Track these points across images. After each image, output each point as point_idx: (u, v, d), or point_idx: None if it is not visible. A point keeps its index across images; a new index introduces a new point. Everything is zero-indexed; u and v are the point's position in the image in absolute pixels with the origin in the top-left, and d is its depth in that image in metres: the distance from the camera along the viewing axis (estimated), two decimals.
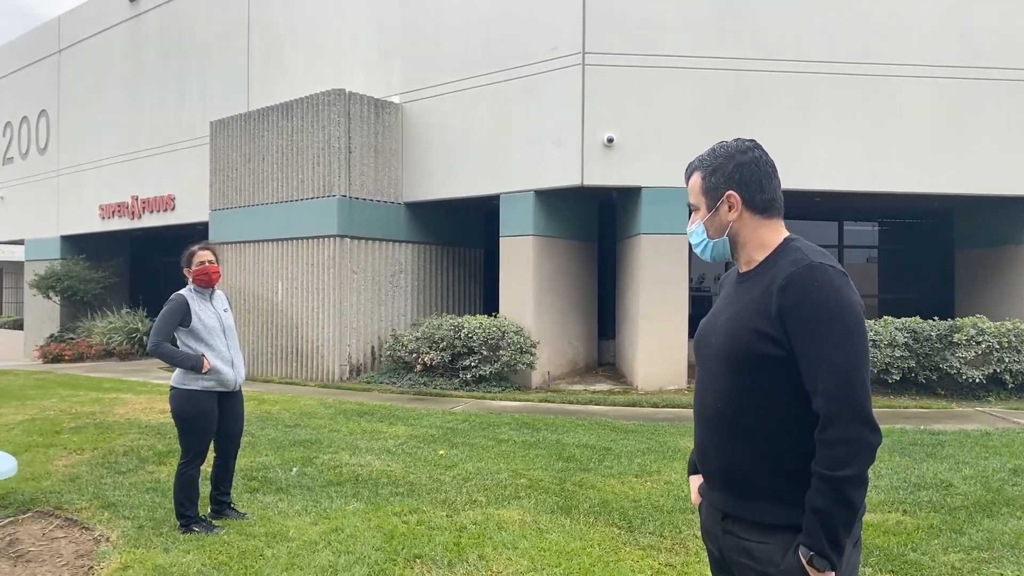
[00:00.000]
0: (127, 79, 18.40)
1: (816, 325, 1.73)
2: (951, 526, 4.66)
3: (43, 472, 6.11)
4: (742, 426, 1.84)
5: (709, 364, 1.95)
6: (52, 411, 9.12)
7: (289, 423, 8.22)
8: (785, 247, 1.89)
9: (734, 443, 1.86)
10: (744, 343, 1.82)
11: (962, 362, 9.68)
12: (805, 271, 1.76)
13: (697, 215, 2.00)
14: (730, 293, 1.99)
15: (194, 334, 4.71)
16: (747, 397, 1.83)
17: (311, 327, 12.40)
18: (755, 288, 1.87)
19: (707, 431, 1.94)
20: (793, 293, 1.75)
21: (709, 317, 2.04)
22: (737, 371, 1.84)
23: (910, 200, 12.69)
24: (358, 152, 12.34)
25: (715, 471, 1.92)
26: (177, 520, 4.71)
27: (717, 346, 1.91)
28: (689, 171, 2.01)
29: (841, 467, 1.68)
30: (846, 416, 1.70)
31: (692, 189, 2.00)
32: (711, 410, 1.92)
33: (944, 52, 10.92)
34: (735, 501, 1.87)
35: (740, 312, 1.87)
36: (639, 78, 10.87)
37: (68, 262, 19.36)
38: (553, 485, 5.67)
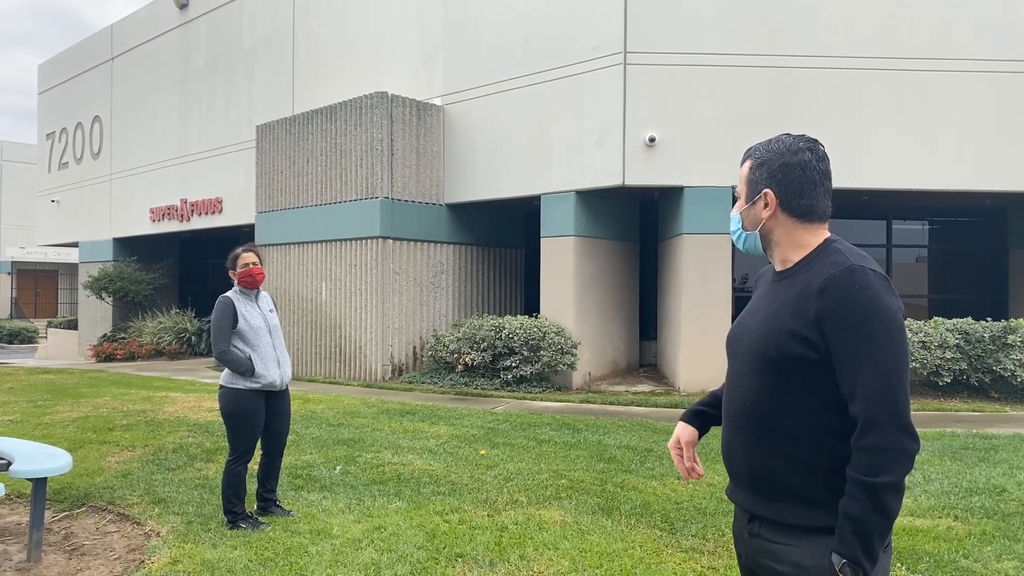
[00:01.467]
0: (176, 85, 18.84)
1: (856, 329, 1.70)
2: (1005, 532, 4.53)
3: (96, 468, 6.29)
4: (770, 426, 1.82)
5: (740, 362, 1.93)
6: (105, 409, 9.38)
7: (333, 422, 8.33)
8: (825, 248, 1.85)
9: (761, 442, 1.84)
10: (777, 343, 1.80)
11: (1017, 364, 9.40)
12: (845, 274, 1.74)
13: (739, 203, 2.00)
14: (765, 292, 1.97)
15: (241, 335, 4.79)
16: (776, 397, 1.81)
17: (354, 327, 12.55)
18: (792, 289, 1.84)
19: (734, 429, 1.92)
20: (832, 296, 1.73)
21: (744, 315, 2.02)
22: (768, 371, 1.82)
23: (962, 198, 12.35)
24: (400, 154, 12.45)
25: (741, 470, 1.90)
26: (224, 516, 4.81)
27: (749, 344, 1.89)
28: (744, 157, 1.99)
29: (879, 474, 1.66)
30: (885, 423, 1.67)
31: (740, 177, 1.99)
32: (739, 408, 1.90)
33: (996, 45, 10.61)
34: (761, 502, 1.85)
35: (776, 312, 1.84)
36: (681, 76, 10.77)
37: (120, 264, 19.88)
38: (594, 486, 5.65)
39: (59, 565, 4.24)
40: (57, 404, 9.81)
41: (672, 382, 11.36)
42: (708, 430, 2.16)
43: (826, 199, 1.91)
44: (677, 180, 10.80)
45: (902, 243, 14.60)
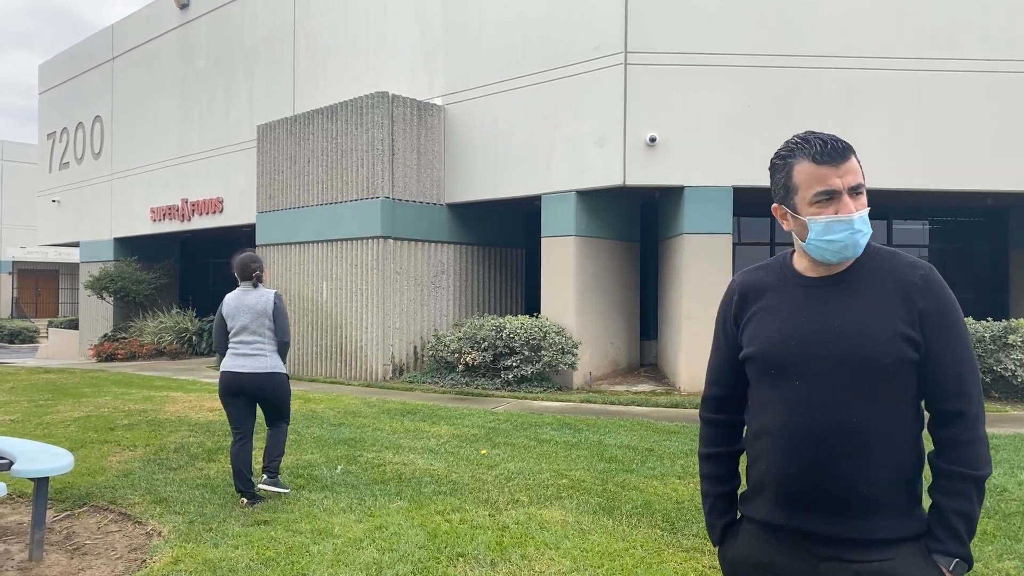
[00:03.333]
0: (177, 85, 18.85)
1: (953, 326, 1.74)
2: (1006, 532, 4.54)
3: (98, 468, 6.30)
4: (876, 439, 1.71)
5: (824, 375, 1.73)
6: (106, 408, 9.39)
7: (334, 422, 8.34)
8: (874, 249, 1.82)
9: (863, 459, 1.70)
10: (891, 349, 1.70)
11: (1017, 364, 9.40)
12: (932, 273, 1.76)
13: (862, 199, 1.78)
14: (812, 298, 1.80)
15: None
16: (883, 406, 1.72)
17: (355, 327, 12.55)
18: (871, 290, 1.76)
19: (820, 452, 1.72)
20: (933, 295, 1.73)
21: (794, 325, 1.79)
22: (878, 379, 1.71)
23: (962, 198, 12.36)
24: (401, 154, 12.45)
25: (829, 495, 1.72)
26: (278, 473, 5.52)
27: (847, 353, 1.72)
28: (848, 149, 1.77)
29: (983, 466, 1.70)
30: (981, 416, 1.72)
31: (857, 170, 1.78)
32: (832, 426, 1.71)
33: (997, 46, 10.61)
34: (851, 522, 1.71)
35: (873, 315, 1.73)
36: (682, 77, 10.78)
37: (121, 264, 19.89)
38: (595, 486, 5.66)
39: (61, 565, 4.25)
40: (58, 404, 9.82)
41: (673, 382, 11.36)
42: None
43: None
44: (678, 180, 10.81)
45: (903, 243, 14.61)
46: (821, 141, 1.76)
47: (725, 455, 1.98)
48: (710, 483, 1.99)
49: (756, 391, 1.85)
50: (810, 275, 1.83)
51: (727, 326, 1.96)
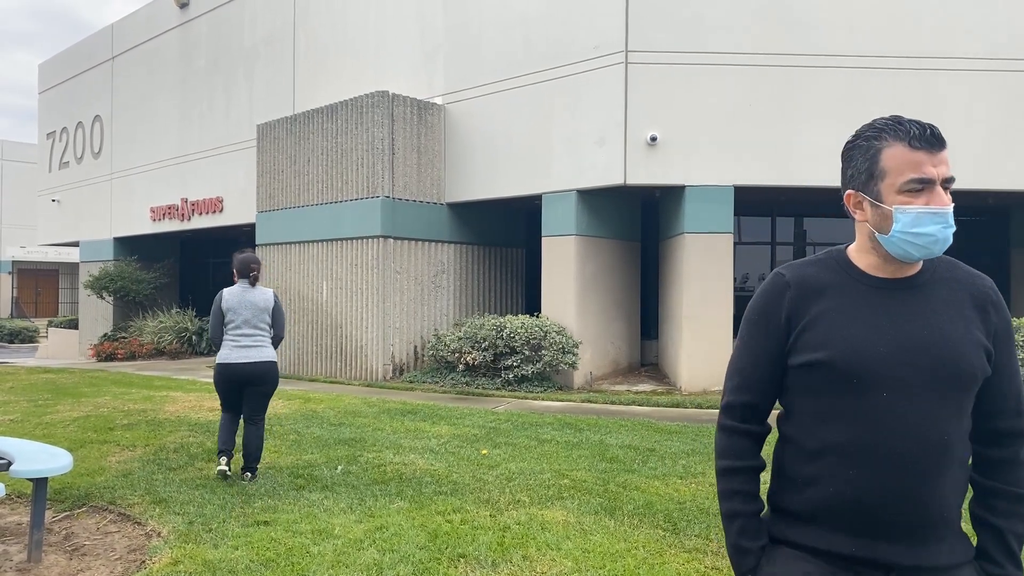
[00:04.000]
0: (177, 84, 18.83)
1: (1011, 342, 1.68)
2: None
3: (97, 468, 6.27)
4: (954, 458, 1.58)
5: (915, 389, 1.57)
6: (105, 408, 9.37)
7: (334, 422, 8.32)
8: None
9: (946, 480, 1.57)
10: (978, 364, 1.60)
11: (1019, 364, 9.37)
12: (994, 284, 1.70)
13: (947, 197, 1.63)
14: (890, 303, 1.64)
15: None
16: (964, 423, 1.62)
17: (355, 327, 12.53)
18: (949, 298, 1.64)
19: (907, 471, 1.55)
20: (1004, 309, 1.67)
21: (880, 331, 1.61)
22: (963, 393, 1.60)
23: (963, 197, 12.32)
24: (401, 153, 12.43)
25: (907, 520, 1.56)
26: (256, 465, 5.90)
27: (944, 365, 1.57)
28: (944, 140, 1.66)
29: None
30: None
31: (948, 163, 1.67)
32: (925, 444, 1.55)
33: (997, 45, 10.59)
34: (925, 549, 1.57)
35: (957, 325, 1.61)
36: (682, 76, 10.75)
37: (121, 263, 19.87)
38: (596, 486, 5.64)
39: (60, 565, 4.22)
40: (58, 403, 9.80)
41: (673, 381, 11.34)
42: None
43: None
44: (678, 179, 10.79)
45: None
46: (919, 125, 1.62)
47: (752, 469, 1.76)
48: (741, 501, 1.73)
49: (817, 402, 1.63)
50: (879, 275, 1.66)
51: (774, 325, 1.70)
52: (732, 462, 1.75)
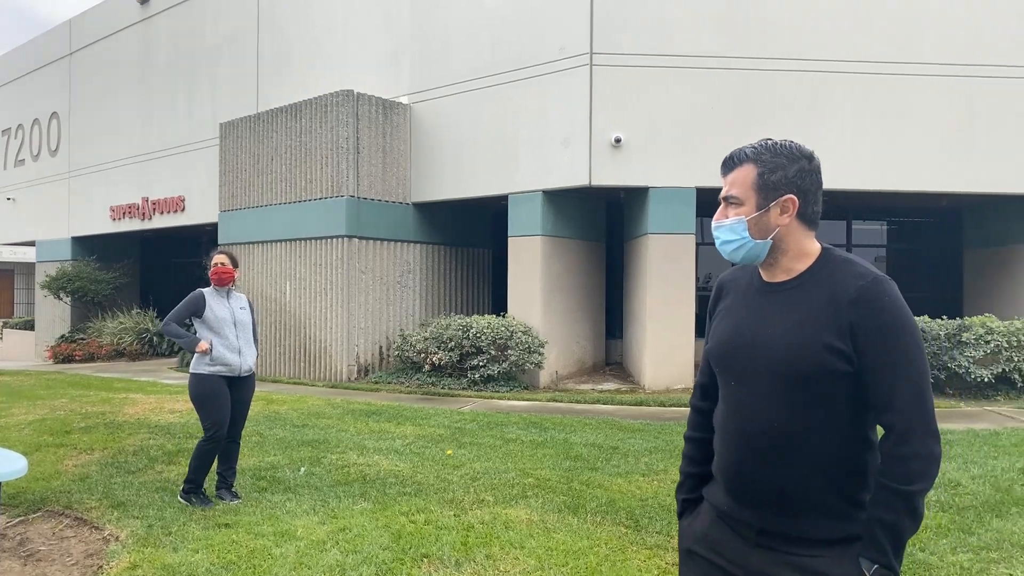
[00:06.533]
0: (137, 81, 18.50)
1: (891, 340, 1.72)
2: (960, 526, 4.65)
3: (53, 472, 6.16)
4: (799, 445, 1.77)
5: (756, 381, 1.82)
6: (62, 411, 9.18)
7: (297, 423, 8.26)
8: (829, 257, 1.85)
9: (789, 462, 1.78)
10: (812, 359, 1.75)
11: (971, 361, 9.64)
12: (875, 285, 1.75)
13: (740, 210, 1.87)
14: (758, 304, 1.89)
15: (206, 323, 5.38)
16: (806, 414, 1.77)
17: (319, 327, 12.44)
18: (808, 300, 1.80)
19: (750, 452, 1.82)
20: (867, 307, 1.73)
21: (738, 329, 1.90)
22: (799, 387, 1.76)
23: (919, 199, 12.63)
24: (366, 152, 12.37)
25: (762, 494, 1.82)
26: (183, 485, 5.33)
27: (773, 363, 1.79)
28: (736, 161, 1.89)
29: (916, 481, 1.70)
30: (921, 431, 1.70)
31: (739, 182, 1.87)
32: (758, 429, 1.80)
33: (954, 51, 10.86)
34: (782, 519, 1.80)
35: (802, 325, 1.78)
36: (647, 78, 10.86)
37: (79, 263, 19.47)
38: (560, 484, 5.68)
39: (14, 571, 4.14)
40: (12, 406, 9.58)
41: (638, 380, 11.44)
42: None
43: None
44: (642, 180, 10.89)
45: (861, 243, 14.88)
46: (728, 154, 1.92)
47: (701, 440, 2.07)
48: (685, 463, 2.11)
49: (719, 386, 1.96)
50: (766, 280, 1.91)
51: (709, 319, 2.07)
52: (688, 431, 2.12)
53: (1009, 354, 9.56)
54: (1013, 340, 9.58)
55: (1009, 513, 4.89)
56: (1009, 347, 9.57)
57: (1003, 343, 9.54)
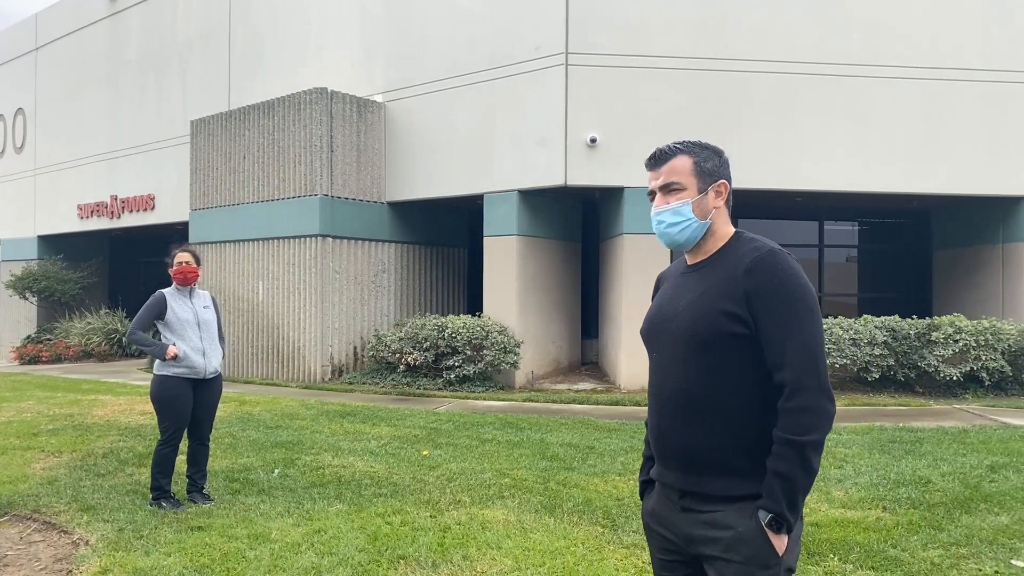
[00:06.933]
0: (106, 77, 18.20)
1: (782, 304, 1.87)
2: (930, 522, 4.71)
3: (20, 475, 6.03)
4: (704, 406, 1.94)
5: (668, 349, 2.03)
6: (29, 413, 9.01)
7: (270, 424, 8.17)
8: (739, 238, 2.04)
9: (696, 423, 1.95)
10: (711, 324, 1.92)
11: (940, 360, 9.79)
12: (769, 256, 1.91)
13: (682, 194, 2.05)
14: (679, 284, 2.10)
15: (169, 326, 5.26)
16: (709, 377, 1.93)
17: (292, 327, 12.32)
18: (713, 275, 1.99)
19: (667, 415, 2.02)
20: (760, 275, 1.89)
21: (660, 307, 2.12)
22: (700, 351, 1.94)
23: (889, 200, 12.82)
24: (340, 151, 12.28)
25: (676, 453, 2.00)
26: (150, 493, 5.24)
27: (680, 331, 1.99)
28: (670, 154, 2.08)
29: (806, 433, 1.82)
30: (811, 386, 1.83)
31: (678, 170, 2.06)
32: (671, 392, 2.00)
33: (923, 55, 11.04)
34: (696, 479, 1.96)
35: (704, 296, 1.97)
36: (622, 78, 10.90)
37: (45, 262, 19.11)
38: (537, 484, 5.67)
39: None
40: None
41: (613, 380, 11.48)
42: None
43: None
44: (618, 181, 10.93)
45: (833, 243, 15.08)
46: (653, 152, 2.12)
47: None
48: (645, 447, 2.27)
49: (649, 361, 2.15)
50: (689, 263, 2.12)
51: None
52: (647, 418, 2.23)
53: (977, 353, 9.73)
54: (981, 339, 9.75)
55: (978, 509, 4.97)
56: (977, 346, 9.74)
57: (971, 342, 9.71)
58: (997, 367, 9.80)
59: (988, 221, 12.12)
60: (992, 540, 4.39)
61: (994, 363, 9.76)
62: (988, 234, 12.18)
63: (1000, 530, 4.56)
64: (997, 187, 11.24)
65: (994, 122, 11.16)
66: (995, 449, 6.66)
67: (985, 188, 11.26)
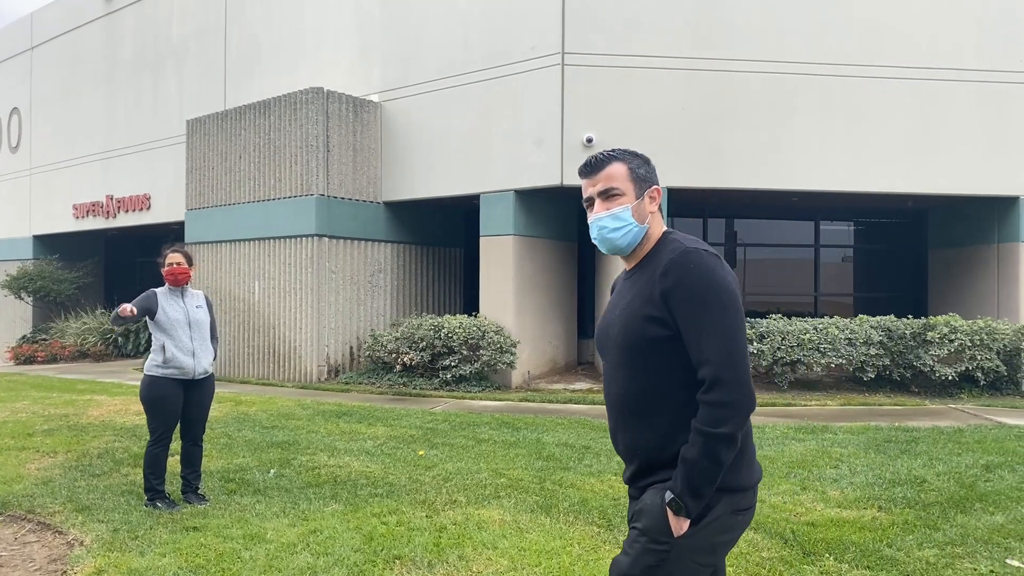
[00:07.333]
0: (102, 77, 18.16)
1: (696, 301, 1.93)
2: (925, 522, 4.72)
3: (15, 476, 6.02)
4: (642, 409, 2.03)
5: (611, 355, 2.12)
6: (24, 413, 8.98)
7: (266, 424, 8.16)
8: (664, 239, 2.12)
9: (637, 425, 2.05)
10: (637, 329, 2.01)
11: (935, 360, 9.81)
12: (682, 256, 1.98)
13: (622, 200, 2.10)
14: (620, 290, 2.20)
15: (159, 325, 5.23)
16: (645, 379, 2.02)
17: (289, 327, 12.31)
18: (641, 280, 2.07)
19: (613, 417, 2.14)
20: (673, 276, 1.96)
21: (604, 314, 2.21)
22: (634, 357, 2.03)
23: (885, 200, 12.85)
24: (336, 151, 12.26)
25: (624, 451, 2.13)
26: (144, 495, 5.22)
27: (616, 337, 2.08)
28: (605, 161, 2.13)
29: (719, 425, 1.89)
30: (728, 381, 1.90)
31: (616, 176, 2.11)
32: (615, 396, 2.11)
33: (920, 55, 11.06)
34: (640, 473, 2.09)
35: (631, 303, 2.06)
36: (618, 78, 10.90)
37: (41, 262, 19.07)
38: (533, 484, 5.67)
39: None
40: None
41: None
42: None
43: None
44: None
45: (829, 243, 15.10)
46: (585, 161, 2.16)
47: None
48: None
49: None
50: (627, 269, 2.21)
51: None
52: None
53: (972, 352, 9.75)
54: (976, 339, 9.77)
55: (973, 509, 4.98)
56: (972, 346, 9.76)
57: (967, 342, 9.73)
58: (992, 367, 9.82)
59: (984, 221, 12.15)
60: (987, 539, 4.40)
61: (989, 363, 9.78)
62: (984, 234, 12.20)
63: (995, 529, 4.57)
64: (993, 187, 11.27)
65: (991, 122, 11.18)
66: (990, 449, 6.68)
67: (981, 188, 11.28)
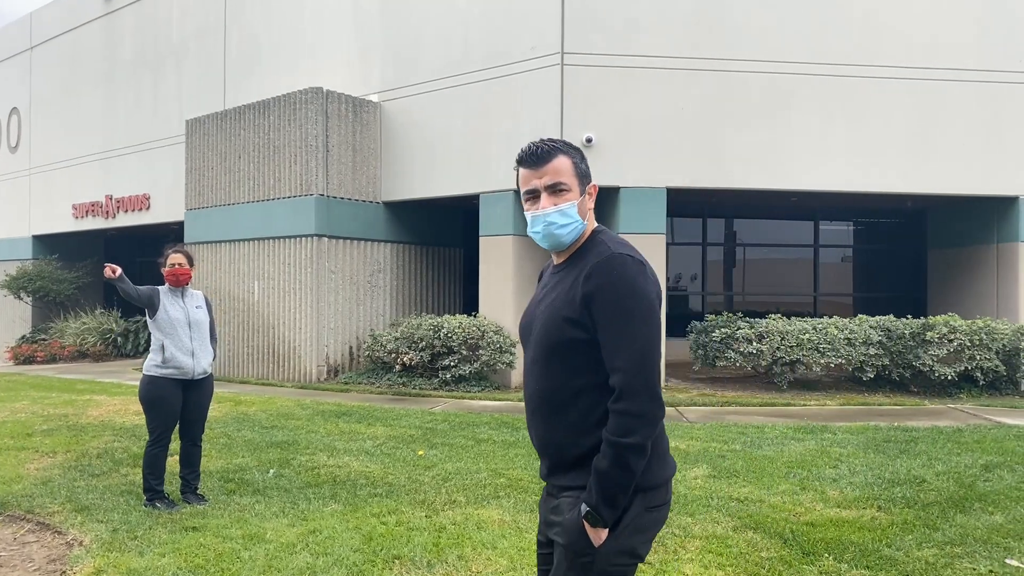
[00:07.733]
0: (101, 77, 18.15)
1: (615, 308, 1.92)
2: (924, 522, 4.72)
3: (14, 476, 6.01)
4: (557, 406, 2.02)
5: (530, 351, 2.11)
6: (23, 413, 8.98)
7: (266, 424, 8.16)
8: (594, 238, 2.09)
9: (551, 422, 2.04)
10: (556, 330, 1.99)
11: (934, 359, 9.82)
12: (606, 261, 1.96)
13: (568, 195, 2.06)
14: (546, 284, 2.17)
15: (158, 325, 5.24)
16: (561, 379, 2.00)
17: (288, 327, 12.31)
18: (567, 278, 2.04)
19: (530, 412, 2.11)
20: (595, 281, 1.94)
21: (529, 306, 2.19)
22: (551, 355, 2.01)
23: (884, 200, 12.85)
24: (336, 151, 12.26)
25: (539, 447, 2.11)
26: (143, 495, 5.21)
27: (536, 334, 2.07)
28: (551, 153, 2.06)
29: (627, 435, 1.88)
30: (637, 390, 1.89)
31: (562, 171, 2.06)
32: (532, 391, 2.09)
33: (919, 54, 11.06)
34: (552, 471, 2.08)
35: (553, 302, 2.04)
36: (618, 78, 10.90)
37: (40, 262, 19.06)
38: (532, 484, 5.67)
39: None
40: None
41: None
42: None
43: None
44: (613, 180, 10.93)
45: (829, 243, 15.11)
46: (527, 148, 2.08)
47: None
48: None
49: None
50: (555, 264, 2.18)
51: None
52: None
53: (971, 352, 9.76)
54: (975, 339, 9.77)
55: (972, 509, 4.98)
56: (971, 345, 9.77)
57: (966, 342, 9.73)
58: (991, 367, 9.82)
59: (983, 221, 12.15)
60: (986, 539, 4.41)
61: (988, 363, 9.79)
62: (983, 234, 12.21)
63: (994, 529, 4.57)
64: (992, 187, 11.27)
65: (990, 122, 11.18)
66: (989, 448, 6.68)
67: (980, 188, 11.29)
